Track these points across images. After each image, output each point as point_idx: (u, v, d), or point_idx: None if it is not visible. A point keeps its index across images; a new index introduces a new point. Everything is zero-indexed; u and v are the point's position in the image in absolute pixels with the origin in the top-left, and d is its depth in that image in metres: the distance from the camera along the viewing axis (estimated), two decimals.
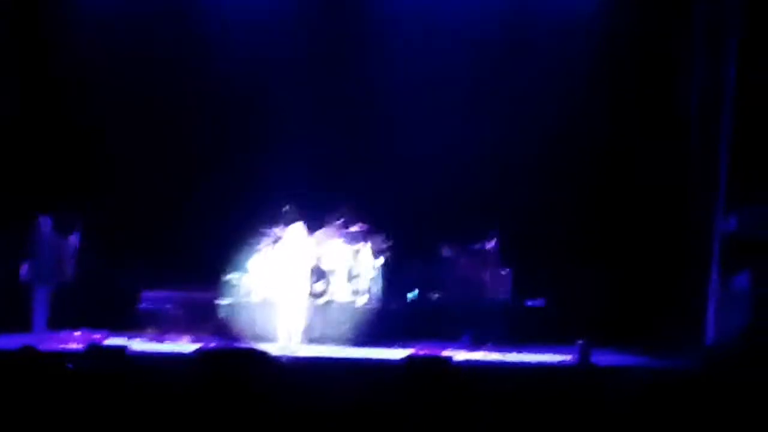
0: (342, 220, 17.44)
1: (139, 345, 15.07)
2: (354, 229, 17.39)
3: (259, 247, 17.05)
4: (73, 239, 16.24)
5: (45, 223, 16.03)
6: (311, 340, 16.24)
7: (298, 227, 15.90)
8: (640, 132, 17.34)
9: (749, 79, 15.62)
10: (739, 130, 15.66)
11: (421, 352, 4.98)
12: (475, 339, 16.10)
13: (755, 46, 15.61)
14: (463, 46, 18.05)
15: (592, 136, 17.86)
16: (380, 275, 17.32)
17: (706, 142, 16.19)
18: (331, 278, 17.09)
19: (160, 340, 16.08)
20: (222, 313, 16.82)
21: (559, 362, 14.23)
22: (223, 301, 16.92)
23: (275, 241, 16.47)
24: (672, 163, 16.85)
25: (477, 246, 16.92)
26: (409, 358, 5.16)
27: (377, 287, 17.28)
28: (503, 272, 16.88)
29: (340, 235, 17.36)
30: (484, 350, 15.68)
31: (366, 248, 17.34)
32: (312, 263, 16.47)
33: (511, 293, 16.70)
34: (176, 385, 5.12)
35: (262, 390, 4.73)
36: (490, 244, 16.68)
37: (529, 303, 16.89)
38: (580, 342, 14.62)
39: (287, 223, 16.08)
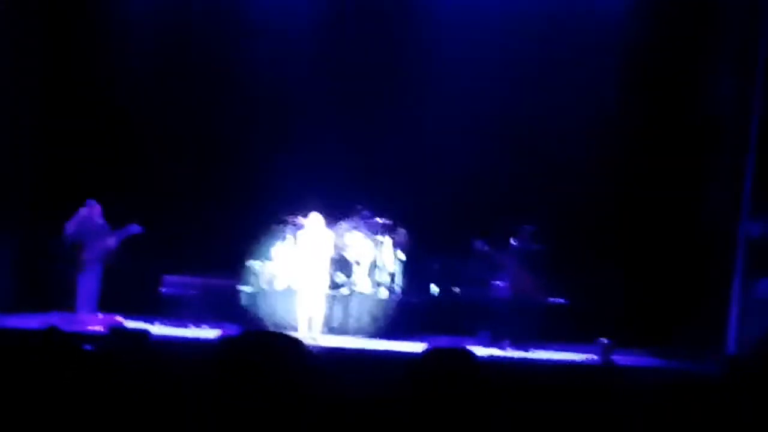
0: (365, 212, 17.46)
1: (160, 329, 15.14)
2: (377, 221, 17.40)
3: (282, 235, 17.10)
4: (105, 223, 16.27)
5: (93, 207, 16.05)
6: (331, 331, 16.28)
7: (320, 218, 15.90)
8: (667, 138, 17.30)
9: None
10: (766, 137, 15.61)
11: (441, 345, 4.97)
12: (493, 336, 16.08)
13: None
14: (490, 51, 18.04)
15: (619, 140, 17.84)
16: (402, 268, 17.34)
17: (732, 148, 16.14)
18: (354, 269, 17.11)
19: (183, 326, 16.12)
20: (243, 301, 16.87)
21: (581, 361, 14.21)
22: (245, 288, 16.96)
23: (298, 230, 16.50)
24: (697, 169, 16.83)
25: (507, 243, 16.86)
26: (430, 349, 5.14)
27: (399, 280, 17.30)
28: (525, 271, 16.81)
29: (363, 227, 17.37)
30: (503, 348, 15.68)
31: (388, 241, 17.35)
32: (335, 254, 16.48)
33: (534, 292, 16.63)
34: (199, 370, 5.12)
35: (288, 377, 4.73)
36: (520, 242, 16.59)
37: (552, 302, 16.84)
38: (602, 341, 14.61)
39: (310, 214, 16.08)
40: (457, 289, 17.55)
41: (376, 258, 17.27)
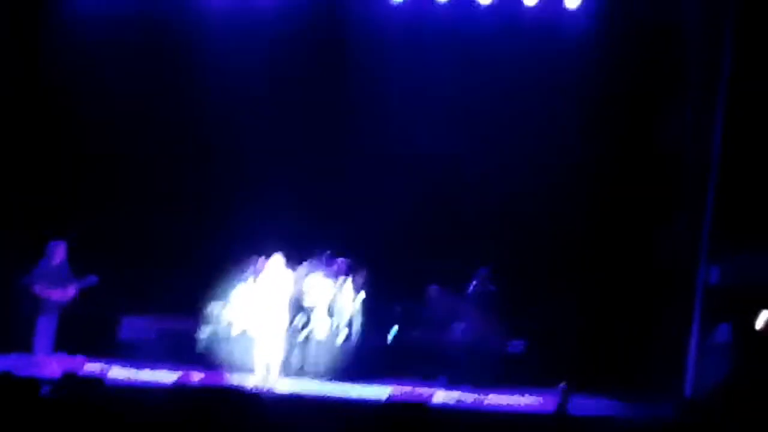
0: (324, 254, 17.45)
1: (117, 372, 15.04)
2: (337, 263, 17.39)
3: (241, 277, 17.06)
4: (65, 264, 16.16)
5: (55, 248, 15.95)
6: (290, 374, 16.23)
7: (280, 260, 15.88)
8: (626, 177, 17.41)
9: (736, 129, 15.72)
10: (725, 181, 15.72)
11: (400, 396, 4.94)
12: (451, 380, 16.08)
13: (743, 98, 15.72)
14: (443, 89, 18.12)
15: (575, 183, 17.86)
16: (361, 311, 17.30)
17: (692, 193, 16.24)
18: (313, 312, 17.05)
19: (142, 368, 16.02)
20: (202, 343, 16.80)
21: (538, 408, 14.24)
22: (204, 331, 16.89)
23: (258, 273, 16.47)
24: (657, 212, 16.91)
25: (464, 286, 16.89)
26: (388, 401, 5.15)
27: (358, 323, 17.26)
28: (483, 314, 16.83)
29: (323, 270, 17.35)
30: (461, 391, 15.66)
31: (348, 283, 17.33)
32: (293, 297, 16.45)
33: (492, 335, 16.65)
34: (153, 416, 5.09)
35: (238, 428, 4.73)
36: (476, 285, 16.65)
37: (510, 346, 16.86)
38: (560, 386, 14.63)
39: (270, 256, 16.05)
40: (414, 333, 17.51)
41: (336, 301, 17.22)
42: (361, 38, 18.42)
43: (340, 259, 17.40)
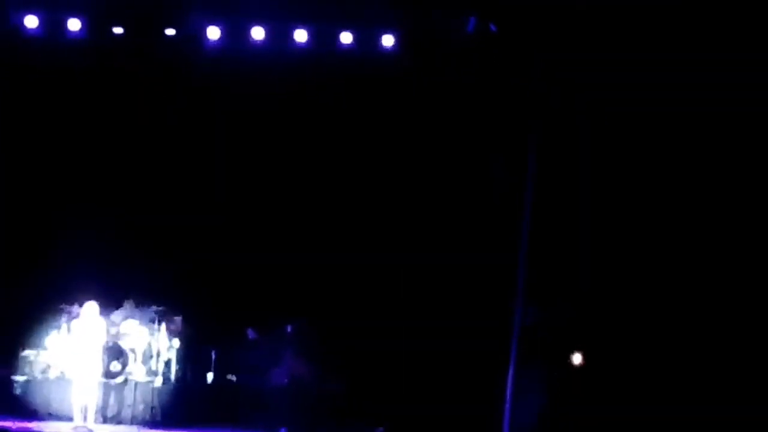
0: (140, 300, 17.49)
1: None
2: (152, 309, 17.42)
3: (56, 324, 16.95)
4: None
5: None
6: (107, 420, 16.20)
7: (94, 306, 15.87)
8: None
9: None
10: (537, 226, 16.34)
11: None
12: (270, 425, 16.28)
13: (551, 162, 16.46)
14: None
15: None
16: (178, 356, 17.36)
17: (506, 237, 16.74)
18: (129, 357, 17.02)
19: None
20: (18, 390, 16.64)
21: None
22: (19, 378, 16.74)
23: (72, 319, 16.38)
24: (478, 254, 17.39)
25: (280, 329, 17.11)
26: None
27: (174, 368, 17.31)
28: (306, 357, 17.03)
29: (138, 315, 17.36)
30: None
31: (163, 328, 17.37)
32: (109, 342, 16.43)
33: (312, 378, 16.87)
34: None
35: None
36: (293, 329, 16.91)
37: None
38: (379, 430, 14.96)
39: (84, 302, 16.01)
40: (232, 377, 17.66)
41: (151, 346, 17.25)
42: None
43: (153, 307, 17.44)
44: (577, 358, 16.60)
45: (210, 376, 17.60)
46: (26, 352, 16.90)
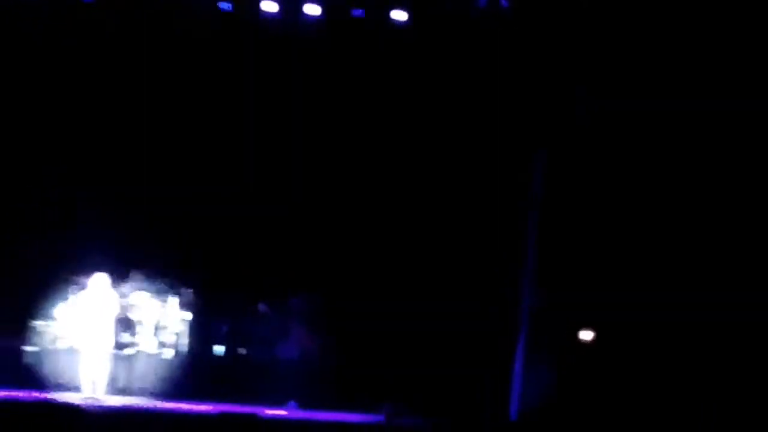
0: (150, 272, 17.50)
1: None
2: (163, 281, 17.46)
3: (66, 295, 16.99)
4: None
5: None
6: (116, 391, 16.25)
7: (105, 278, 15.90)
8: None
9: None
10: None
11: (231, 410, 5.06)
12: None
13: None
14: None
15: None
16: (187, 328, 17.40)
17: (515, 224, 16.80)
18: (138, 329, 17.07)
19: None
20: (28, 360, 16.70)
21: (366, 420, 14.54)
22: (29, 348, 16.79)
23: (82, 290, 16.42)
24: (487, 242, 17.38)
25: (291, 303, 17.11)
26: (220, 413, 5.33)
27: (184, 340, 17.35)
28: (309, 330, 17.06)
29: (149, 287, 17.39)
30: (289, 408, 15.89)
31: (173, 300, 17.40)
32: (119, 314, 16.47)
33: (322, 352, 16.88)
34: None
35: None
36: (303, 303, 16.92)
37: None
38: (386, 406, 14.95)
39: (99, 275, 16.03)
40: (242, 350, 17.69)
41: (161, 318, 17.28)
42: None
43: (164, 279, 17.47)
44: (586, 335, 16.58)
45: (220, 349, 17.62)
46: (36, 323, 16.95)
